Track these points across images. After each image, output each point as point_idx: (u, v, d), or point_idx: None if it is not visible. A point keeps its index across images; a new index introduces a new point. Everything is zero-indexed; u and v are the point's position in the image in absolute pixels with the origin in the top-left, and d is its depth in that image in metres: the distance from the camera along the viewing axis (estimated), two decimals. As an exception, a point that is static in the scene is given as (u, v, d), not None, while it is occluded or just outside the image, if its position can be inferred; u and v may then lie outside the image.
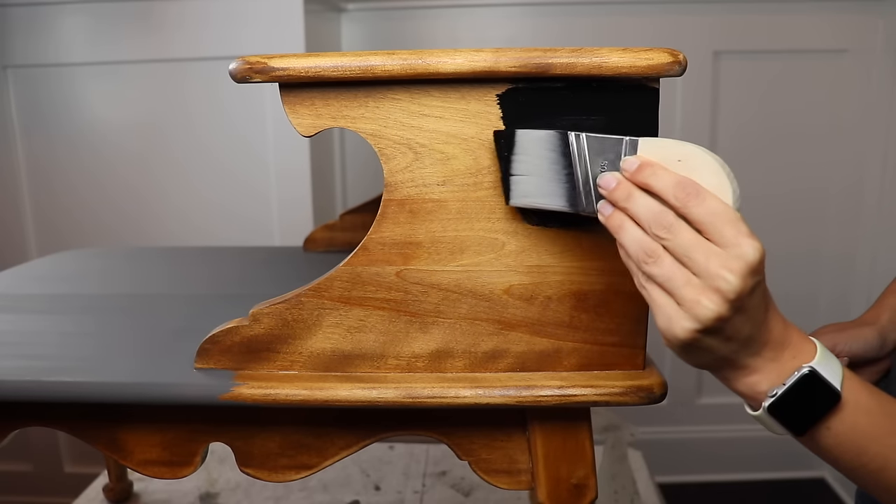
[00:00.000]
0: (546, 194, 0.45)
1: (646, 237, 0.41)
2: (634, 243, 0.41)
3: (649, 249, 0.41)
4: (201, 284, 0.77)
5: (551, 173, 0.45)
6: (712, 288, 0.39)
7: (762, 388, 0.43)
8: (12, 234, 1.36)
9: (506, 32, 1.42)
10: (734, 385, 0.45)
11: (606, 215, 0.43)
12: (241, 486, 1.08)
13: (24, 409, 0.54)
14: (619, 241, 0.42)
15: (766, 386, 0.43)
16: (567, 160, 0.44)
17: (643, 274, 0.42)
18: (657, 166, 0.41)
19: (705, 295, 0.39)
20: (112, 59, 1.26)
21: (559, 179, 0.45)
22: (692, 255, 0.39)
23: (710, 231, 0.39)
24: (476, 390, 0.49)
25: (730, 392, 0.47)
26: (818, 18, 1.39)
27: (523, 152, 0.45)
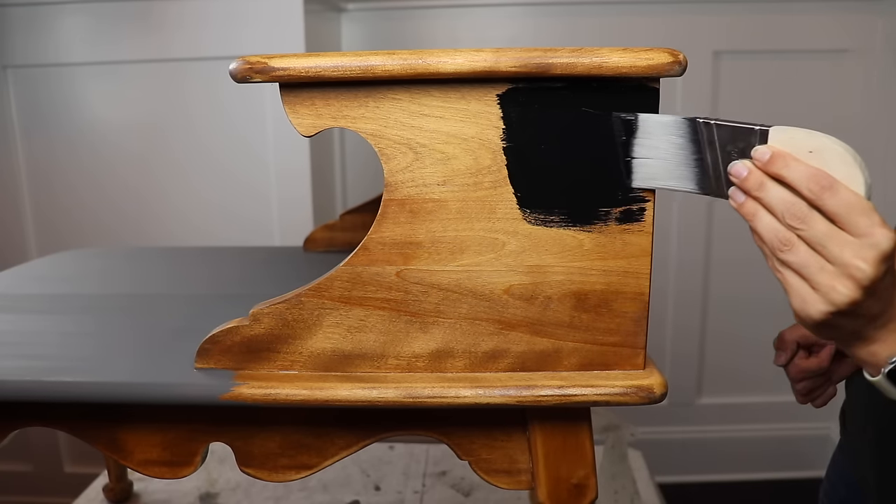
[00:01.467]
0: (676, 177, 0.46)
1: (780, 225, 0.43)
2: (769, 231, 0.43)
3: (784, 238, 0.43)
4: (201, 284, 0.77)
5: (680, 157, 0.46)
6: (847, 275, 0.41)
7: (882, 356, 0.45)
8: (12, 234, 1.36)
9: (506, 32, 1.42)
10: (855, 352, 0.47)
11: (739, 202, 0.45)
12: (241, 486, 1.08)
13: (25, 409, 0.54)
14: (754, 228, 0.44)
15: (886, 354, 0.45)
16: (696, 146, 0.45)
17: (778, 260, 0.44)
18: (789, 157, 0.43)
19: (840, 282, 0.42)
20: (112, 59, 1.26)
21: (689, 164, 0.46)
22: (827, 245, 0.42)
23: (843, 222, 0.42)
24: (476, 390, 0.49)
25: (730, 392, 0.47)
26: (818, 18, 1.39)
27: (648, 136, 0.46)
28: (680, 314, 1.52)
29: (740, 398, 1.54)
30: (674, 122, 0.45)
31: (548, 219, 0.48)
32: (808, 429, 1.57)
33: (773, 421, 1.56)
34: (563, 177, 0.47)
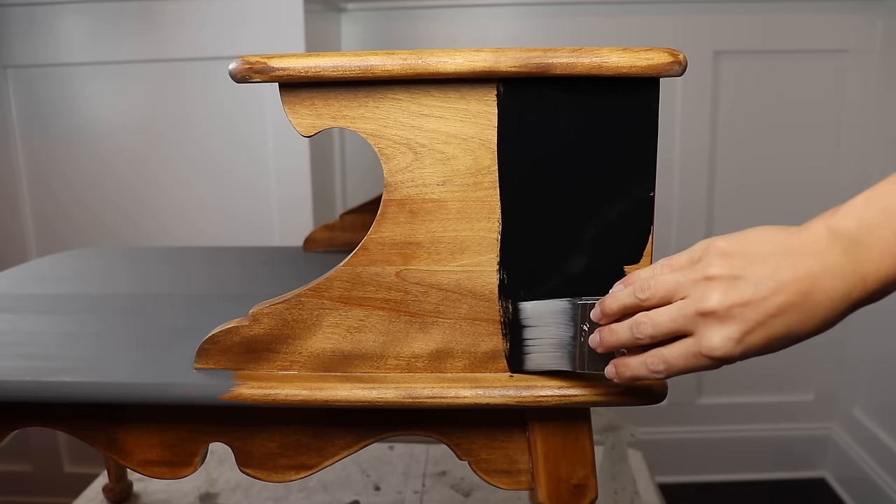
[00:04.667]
0: (554, 359, 0.49)
1: (622, 326, 0.44)
2: (621, 331, 0.44)
3: (632, 324, 0.43)
4: (201, 284, 0.77)
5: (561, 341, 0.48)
6: (700, 288, 0.41)
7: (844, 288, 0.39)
8: (12, 234, 1.36)
9: (506, 32, 1.42)
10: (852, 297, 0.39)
11: (596, 344, 0.46)
12: (240, 487, 1.08)
13: (24, 409, 0.54)
14: (614, 344, 0.44)
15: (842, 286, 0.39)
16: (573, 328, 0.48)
17: (640, 345, 0.43)
18: (610, 297, 0.45)
19: (699, 298, 0.41)
20: (112, 59, 1.26)
21: (565, 345, 0.48)
22: (672, 299, 0.42)
23: (669, 283, 0.42)
24: (476, 390, 0.49)
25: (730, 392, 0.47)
26: (818, 18, 1.39)
27: (536, 323, 0.49)
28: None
29: (740, 398, 1.54)
30: (560, 308, 0.48)
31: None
32: (808, 429, 1.57)
33: (773, 421, 1.56)
34: (562, 177, 0.47)
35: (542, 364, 0.49)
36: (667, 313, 0.42)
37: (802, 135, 1.45)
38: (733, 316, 0.40)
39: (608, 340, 0.44)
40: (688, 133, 1.43)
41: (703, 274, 0.41)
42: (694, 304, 0.41)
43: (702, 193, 1.46)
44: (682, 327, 0.41)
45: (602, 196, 0.47)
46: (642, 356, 0.43)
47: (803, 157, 1.46)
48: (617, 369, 0.45)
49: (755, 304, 0.39)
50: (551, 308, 0.48)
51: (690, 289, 0.41)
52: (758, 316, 0.39)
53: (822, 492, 1.54)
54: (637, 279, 0.45)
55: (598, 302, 0.45)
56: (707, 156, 1.45)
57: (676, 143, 1.43)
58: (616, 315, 0.45)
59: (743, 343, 0.40)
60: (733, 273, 0.40)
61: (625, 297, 0.44)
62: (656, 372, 0.43)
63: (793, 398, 1.56)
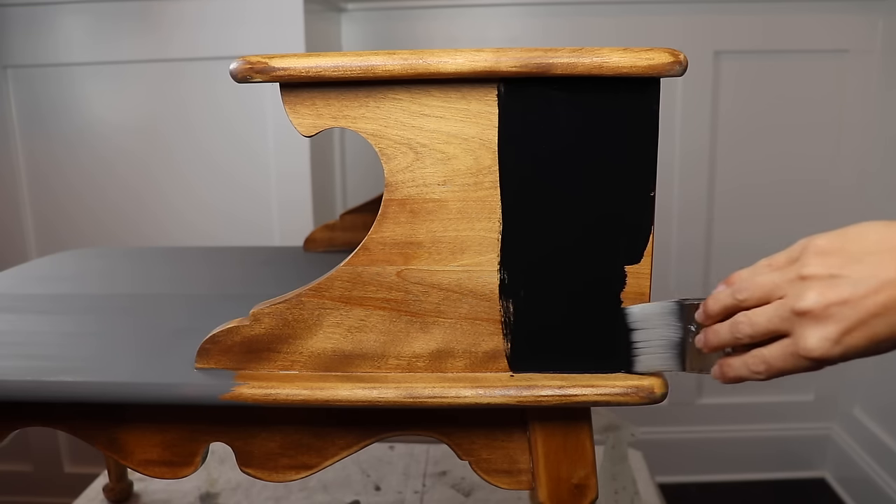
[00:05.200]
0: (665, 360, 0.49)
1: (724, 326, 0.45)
2: (722, 331, 0.44)
3: (731, 324, 0.44)
4: (202, 284, 0.77)
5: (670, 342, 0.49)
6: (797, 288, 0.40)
7: None
8: (12, 234, 1.36)
9: (506, 32, 1.42)
10: None
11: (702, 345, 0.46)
12: (241, 487, 1.08)
13: (25, 409, 0.54)
14: (717, 344, 0.45)
15: None
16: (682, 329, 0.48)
17: (742, 345, 0.44)
18: (711, 298, 0.45)
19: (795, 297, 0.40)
20: (112, 59, 1.26)
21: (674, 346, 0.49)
22: (770, 299, 0.42)
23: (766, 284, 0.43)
24: (477, 390, 0.49)
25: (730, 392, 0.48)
26: (818, 18, 1.39)
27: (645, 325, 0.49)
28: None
29: (740, 398, 1.54)
30: (669, 309, 0.48)
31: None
32: (808, 429, 1.57)
33: (773, 421, 1.56)
34: (563, 177, 0.47)
35: (652, 365, 0.49)
36: (764, 313, 0.42)
37: (803, 135, 1.45)
38: (830, 315, 0.39)
39: (711, 341, 0.45)
40: (688, 133, 1.43)
41: (798, 273, 0.41)
42: (790, 303, 0.40)
43: (702, 193, 1.46)
44: (778, 327, 0.41)
45: (602, 196, 0.47)
46: (744, 357, 0.43)
47: (803, 158, 1.46)
48: (721, 369, 0.45)
49: (854, 302, 0.38)
50: (660, 310, 0.48)
51: (787, 288, 0.41)
52: (857, 315, 0.38)
53: (822, 492, 1.54)
54: (737, 279, 0.45)
55: (702, 303, 0.46)
56: (707, 156, 1.45)
57: (676, 143, 1.43)
58: (718, 316, 0.45)
59: (842, 344, 0.39)
60: (831, 272, 0.40)
61: (725, 297, 0.44)
62: (757, 373, 0.43)
63: (793, 398, 1.56)
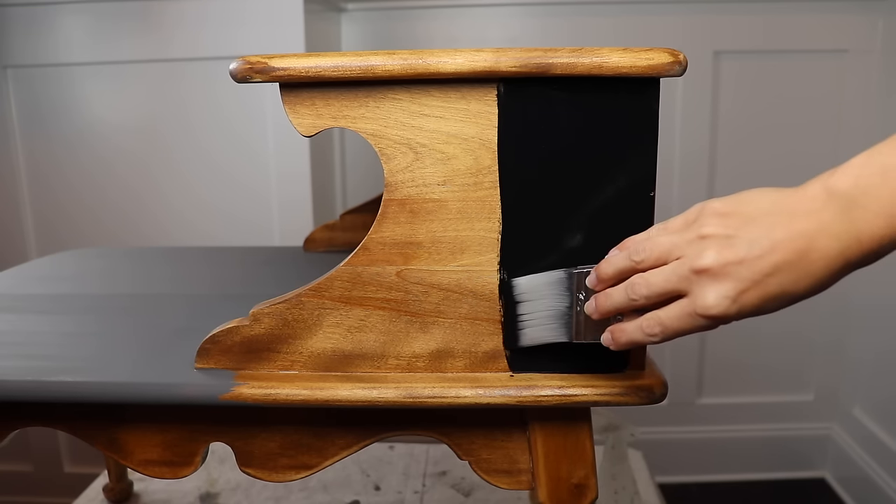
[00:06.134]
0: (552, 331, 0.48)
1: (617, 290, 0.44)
2: (616, 294, 0.44)
3: (626, 285, 0.43)
4: (202, 284, 0.77)
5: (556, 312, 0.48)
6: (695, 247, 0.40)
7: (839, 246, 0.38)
8: (12, 234, 1.36)
9: (506, 32, 1.42)
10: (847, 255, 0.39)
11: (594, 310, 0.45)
12: (241, 487, 1.08)
13: (25, 409, 0.54)
14: (610, 308, 0.44)
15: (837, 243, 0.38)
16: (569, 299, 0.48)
17: (636, 308, 0.43)
18: (605, 262, 0.45)
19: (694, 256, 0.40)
20: (112, 59, 1.26)
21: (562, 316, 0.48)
22: (667, 260, 0.42)
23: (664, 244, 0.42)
24: (476, 390, 0.49)
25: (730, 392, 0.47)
26: (818, 18, 1.39)
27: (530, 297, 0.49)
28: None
29: (740, 398, 1.54)
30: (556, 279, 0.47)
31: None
32: (808, 429, 1.57)
33: (773, 421, 1.56)
34: (563, 177, 0.47)
35: (537, 338, 0.48)
36: (661, 273, 0.41)
37: (802, 135, 1.45)
38: (728, 274, 0.39)
39: (603, 305, 0.44)
40: (688, 133, 1.43)
41: (697, 233, 0.41)
42: (688, 262, 0.40)
43: (702, 193, 1.46)
44: (676, 287, 0.41)
45: (602, 196, 0.47)
46: (638, 320, 0.43)
47: (803, 157, 1.46)
48: (613, 335, 0.44)
49: (750, 262, 0.39)
50: (547, 280, 0.47)
51: (685, 248, 0.41)
52: (752, 274, 0.39)
53: (822, 492, 1.54)
54: (632, 243, 0.44)
55: (594, 268, 0.45)
56: (707, 156, 1.45)
57: (676, 143, 1.43)
58: (612, 280, 0.44)
59: (738, 302, 0.39)
60: (728, 232, 0.40)
61: (620, 260, 0.44)
62: (652, 335, 0.42)
63: (793, 398, 1.56)
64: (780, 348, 1.52)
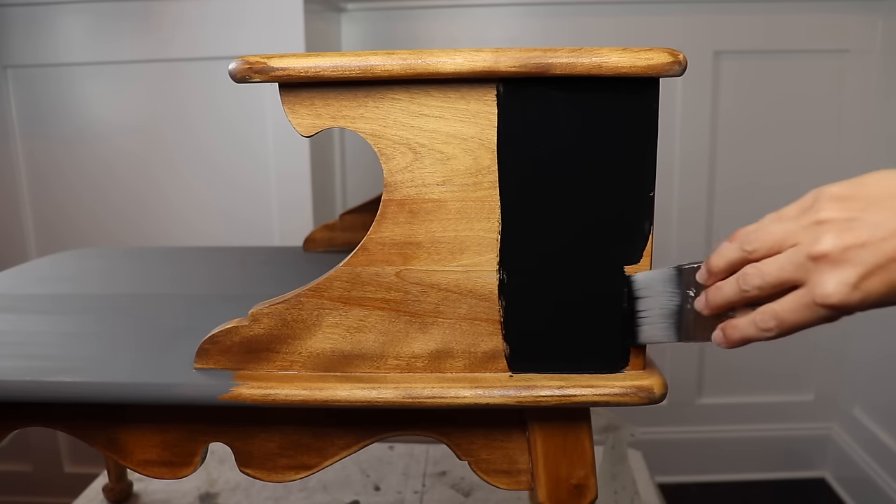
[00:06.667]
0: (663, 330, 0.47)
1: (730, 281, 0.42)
2: (726, 287, 0.42)
3: (738, 276, 0.41)
4: (201, 284, 0.77)
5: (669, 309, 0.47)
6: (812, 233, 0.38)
7: None
8: (12, 234, 1.36)
9: (506, 32, 1.42)
10: None
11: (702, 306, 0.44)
12: (240, 487, 1.08)
13: (24, 409, 0.54)
14: (721, 303, 0.43)
15: None
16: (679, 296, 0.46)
17: (748, 300, 0.41)
18: (716, 254, 0.43)
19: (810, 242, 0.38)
20: (112, 59, 1.26)
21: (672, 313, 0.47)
22: (781, 249, 0.40)
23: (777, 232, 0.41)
24: (476, 390, 0.49)
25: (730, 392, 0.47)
26: (818, 18, 1.39)
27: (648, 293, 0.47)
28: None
29: (740, 398, 1.54)
30: (669, 276, 0.46)
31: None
32: (808, 429, 1.57)
33: (773, 421, 1.56)
34: (562, 177, 0.47)
35: (652, 336, 0.47)
36: (775, 262, 0.39)
37: (803, 135, 1.45)
38: (849, 259, 0.37)
39: (714, 299, 0.42)
40: (688, 133, 1.43)
41: (814, 219, 0.39)
42: (805, 249, 0.38)
43: (702, 193, 1.45)
44: (792, 276, 0.39)
45: (602, 196, 0.47)
46: (751, 315, 0.41)
47: (803, 157, 1.46)
48: (725, 332, 0.42)
49: (873, 245, 0.37)
50: (661, 276, 0.46)
51: (801, 235, 0.39)
52: (876, 259, 0.37)
53: (822, 492, 1.54)
54: (743, 233, 0.42)
55: (704, 261, 0.43)
56: (707, 156, 1.45)
57: (676, 143, 1.43)
58: (723, 273, 0.42)
59: (861, 289, 0.37)
60: (848, 216, 0.38)
61: (731, 251, 0.42)
62: (767, 329, 0.40)
63: (793, 398, 1.56)
64: (780, 348, 1.52)
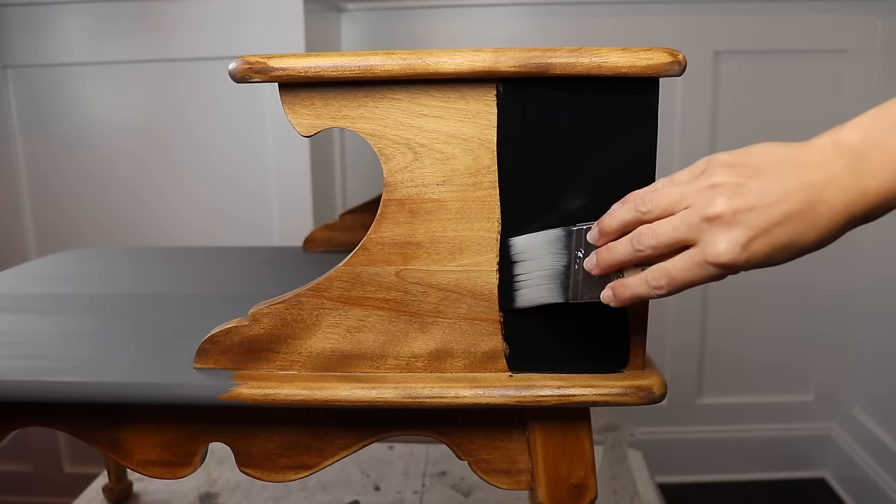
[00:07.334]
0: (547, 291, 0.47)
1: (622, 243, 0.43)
2: (619, 247, 0.42)
3: (632, 236, 0.42)
4: (201, 284, 0.77)
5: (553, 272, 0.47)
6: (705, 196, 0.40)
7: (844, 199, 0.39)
8: (12, 234, 1.36)
9: (506, 32, 1.42)
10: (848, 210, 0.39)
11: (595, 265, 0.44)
12: (240, 487, 1.08)
13: (24, 409, 0.54)
14: (613, 262, 0.43)
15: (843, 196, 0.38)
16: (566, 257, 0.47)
17: (640, 260, 0.42)
18: (608, 215, 0.44)
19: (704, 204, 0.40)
20: (112, 59, 1.26)
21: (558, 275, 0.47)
22: (675, 210, 0.41)
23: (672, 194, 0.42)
24: (476, 390, 0.49)
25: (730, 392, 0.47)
26: (818, 18, 1.39)
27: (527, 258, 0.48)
28: (680, 313, 1.52)
29: (740, 398, 1.54)
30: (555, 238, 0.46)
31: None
32: (808, 429, 1.57)
33: (773, 421, 1.56)
34: (562, 177, 0.47)
35: (532, 298, 0.47)
36: (669, 222, 0.41)
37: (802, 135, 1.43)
38: (739, 221, 0.39)
39: (606, 258, 0.43)
40: (688, 133, 1.43)
41: (707, 183, 0.40)
42: (699, 210, 0.40)
43: (702, 193, 1.45)
44: (685, 236, 0.40)
45: (602, 196, 0.47)
46: (642, 273, 0.42)
47: (803, 157, 1.45)
48: (615, 291, 0.43)
49: (760, 209, 0.39)
50: (545, 238, 0.46)
51: (694, 198, 0.40)
52: (762, 222, 0.39)
53: (822, 492, 1.54)
54: (637, 195, 0.43)
55: (596, 223, 0.44)
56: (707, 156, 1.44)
57: (676, 143, 1.43)
58: (616, 234, 0.43)
59: (748, 249, 0.39)
60: (738, 181, 0.40)
61: (624, 212, 0.42)
62: (658, 287, 0.41)
63: (793, 398, 1.56)
64: (780, 348, 1.52)
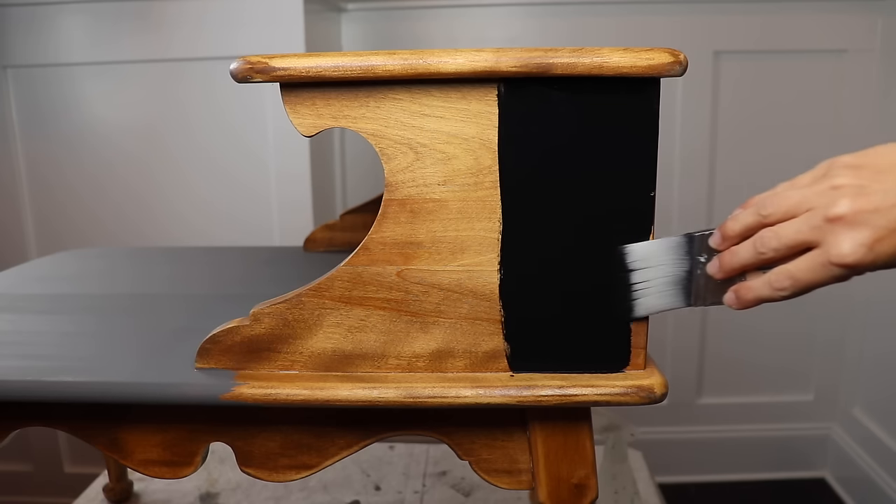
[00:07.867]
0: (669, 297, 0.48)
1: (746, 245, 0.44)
2: (742, 250, 0.43)
3: (754, 240, 0.42)
4: (202, 284, 0.77)
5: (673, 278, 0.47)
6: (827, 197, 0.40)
7: None
8: (12, 234, 1.36)
9: (506, 32, 1.42)
10: None
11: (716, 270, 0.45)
12: (241, 487, 1.08)
13: (25, 409, 0.54)
14: (736, 265, 0.44)
15: None
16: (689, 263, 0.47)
17: (763, 263, 0.42)
18: (731, 219, 0.44)
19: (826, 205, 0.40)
20: (112, 59, 1.26)
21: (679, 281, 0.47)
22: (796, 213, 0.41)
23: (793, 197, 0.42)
24: (477, 390, 0.49)
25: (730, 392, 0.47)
26: (818, 18, 1.39)
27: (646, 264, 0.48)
28: (680, 313, 1.52)
29: (740, 398, 1.54)
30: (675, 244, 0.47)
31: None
32: (808, 429, 1.57)
33: (773, 421, 1.56)
34: (563, 177, 0.47)
35: (654, 306, 0.47)
36: (791, 225, 0.41)
37: (802, 135, 1.45)
38: (863, 221, 0.39)
39: (728, 262, 0.43)
40: (688, 133, 1.43)
41: (829, 185, 0.40)
42: (821, 212, 0.40)
43: (702, 193, 1.46)
44: (808, 238, 0.40)
45: (602, 196, 0.47)
46: (765, 276, 0.42)
47: (803, 158, 1.45)
48: (738, 294, 0.43)
49: (885, 210, 0.39)
50: (665, 245, 0.46)
51: (816, 199, 0.41)
52: (888, 223, 0.39)
53: (822, 492, 1.54)
54: (758, 199, 0.44)
55: (718, 227, 0.45)
56: (707, 156, 1.45)
57: (676, 143, 1.43)
58: (738, 238, 0.44)
59: (874, 250, 0.39)
60: (861, 182, 0.40)
61: (746, 216, 0.43)
62: (781, 289, 0.42)
63: (793, 398, 1.56)
64: (780, 348, 1.52)
